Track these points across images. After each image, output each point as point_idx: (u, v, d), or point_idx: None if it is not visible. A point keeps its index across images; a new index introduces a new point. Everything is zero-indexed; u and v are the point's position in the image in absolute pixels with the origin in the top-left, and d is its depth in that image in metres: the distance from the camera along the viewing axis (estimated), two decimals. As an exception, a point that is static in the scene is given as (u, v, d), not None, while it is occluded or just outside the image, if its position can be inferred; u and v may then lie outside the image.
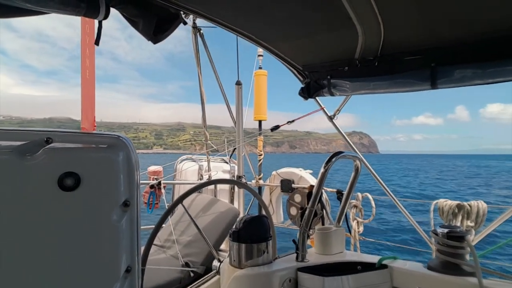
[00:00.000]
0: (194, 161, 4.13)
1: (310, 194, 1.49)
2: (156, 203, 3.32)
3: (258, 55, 3.91)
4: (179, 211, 3.11)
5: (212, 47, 3.37)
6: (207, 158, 3.99)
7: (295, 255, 1.49)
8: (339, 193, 2.98)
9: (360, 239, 3.04)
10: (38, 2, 1.04)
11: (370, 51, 1.76)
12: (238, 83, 3.39)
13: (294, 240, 1.50)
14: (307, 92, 2.16)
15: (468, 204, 2.47)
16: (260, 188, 3.93)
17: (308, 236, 1.51)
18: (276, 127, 3.45)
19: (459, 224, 2.44)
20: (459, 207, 2.48)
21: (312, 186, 3.18)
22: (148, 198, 3.24)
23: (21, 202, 0.60)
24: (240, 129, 3.46)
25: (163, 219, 1.58)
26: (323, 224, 2.67)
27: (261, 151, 4.07)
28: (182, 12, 1.47)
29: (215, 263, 1.81)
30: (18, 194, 0.60)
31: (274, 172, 3.84)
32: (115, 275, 0.68)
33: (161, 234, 2.93)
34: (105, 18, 1.24)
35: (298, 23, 1.61)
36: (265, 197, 3.94)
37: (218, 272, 1.69)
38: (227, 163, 4.15)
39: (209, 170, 3.98)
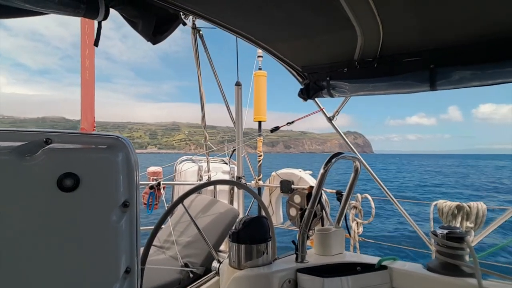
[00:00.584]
0: (193, 161, 4.13)
1: (309, 195, 1.49)
2: (156, 204, 3.32)
3: (258, 56, 3.91)
4: (178, 212, 3.11)
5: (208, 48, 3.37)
6: (207, 159, 3.99)
7: (295, 256, 1.48)
8: (339, 194, 2.98)
9: (359, 240, 3.04)
10: (38, 2, 1.04)
11: (369, 53, 1.76)
12: (238, 84, 3.39)
13: (293, 241, 1.50)
14: (307, 93, 2.17)
15: (467, 205, 2.47)
16: (259, 189, 3.93)
17: (308, 237, 1.51)
18: (276, 128, 3.46)
19: (458, 225, 2.44)
20: (459, 208, 2.48)
21: (311, 187, 3.18)
22: (148, 198, 3.24)
23: (20, 202, 0.60)
24: (240, 130, 3.46)
25: (163, 220, 1.58)
26: (323, 225, 2.67)
27: (260, 151, 4.07)
28: (181, 13, 1.47)
29: (214, 264, 1.81)
30: (18, 195, 0.60)
31: (273, 173, 3.84)
32: (115, 276, 0.68)
33: (160, 235, 2.93)
34: (104, 19, 1.24)
35: (297, 24, 1.61)
36: (264, 198, 3.94)
37: (218, 273, 1.69)
38: (226, 163, 4.15)
39: (208, 171, 3.98)
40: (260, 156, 4.02)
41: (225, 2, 1.46)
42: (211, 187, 3.89)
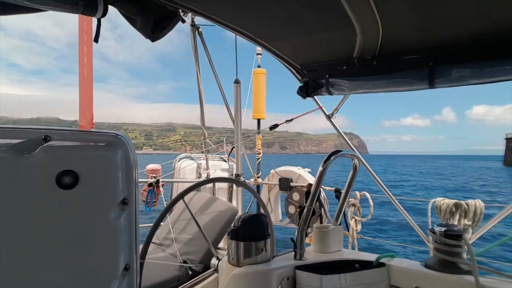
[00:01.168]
0: (192, 159, 4.13)
1: (308, 193, 1.49)
2: (155, 201, 3.32)
3: (257, 54, 3.91)
4: (176, 209, 3.11)
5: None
6: (206, 156, 3.99)
7: (293, 253, 1.49)
8: (338, 191, 2.99)
9: (358, 238, 3.05)
10: None
11: (368, 50, 1.76)
12: (237, 81, 3.38)
13: (292, 239, 1.51)
14: (306, 91, 2.17)
15: (465, 203, 2.48)
16: (258, 186, 3.94)
17: (306, 235, 1.51)
18: (275, 126, 3.46)
19: (456, 222, 2.46)
20: (457, 206, 2.49)
21: (310, 185, 3.18)
22: (147, 196, 3.25)
23: (19, 200, 0.60)
24: (239, 127, 3.46)
25: (162, 217, 1.58)
26: (321, 222, 2.67)
27: (259, 149, 4.07)
28: (180, 10, 1.47)
29: (213, 261, 1.81)
30: (16, 192, 0.60)
31: (272, 171, 3.85)
32: (114, 273, 0.68)
33: (159, 232, 2.93)
34: (103, 16, 1.23)
35: (296, 22, 1.61)
36: (263, 195, 3.95)
37: (217, 270, 1.69)
38: (225, 161, 4.15)
39: (207, 168, 3.99)
40: (259, 153, 4.02)
41: None
42: (210, 185, 3.89)
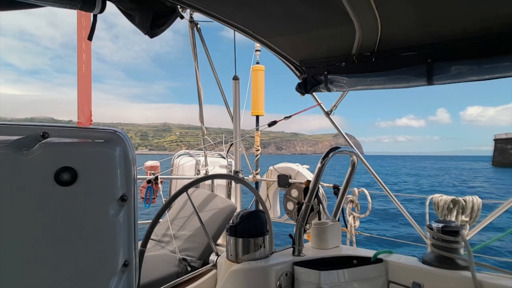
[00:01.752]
0: (191, 156, 4.13)
1: (307, 189, 1.50)
2: (153, 198, 3.32)
3: (256, 50, 3.89)
4: (175, 206, 3.12)
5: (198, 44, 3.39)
6: (204, 153, 3.99)
7: (292, 249, 1.50)
8: (336, 188, 3.00)
9: (356, 234, 3.06)
10: None
11: (367, 47, 1.76)
12: (235, 78, 3.37)
13: (290, 235, 1.51)
14: (304, 88, 2.16)
15: (463, 199, 2.49)
16: (257, 183, 3.94)
17: (305, 231, 1.52)
18: (274, 122, 3.45)
19: (454, 219, 2.47)
20: (454, 202, 2.50)
21: (309, 181, 3.19)
22: (145, 193, 3.25)
23: (17, 197, 0.60)
24: (238, 124, 3.45)
25: (161, 213, 1.58)
26: (320, 219, 2.68)
27: (258, 146, 4.07)
28: (179, 6, 1.46)
29: (212, 257, 1.82)
30: (15, 189, 0.60)
31: (271, 167, 3.85)
32: (113, 270, 0.68)
33: (158, 229, 2.94)
34: (101, 11, 1.23)
35: (295, 18, 1.60)
36: (262, 192, 3.96)
37: (215, 266, 1.70)
38: (224, 158, 4.15)
39: (206, 165, 3.99)
40: (258, 150, 4.02)
41: None
42: (209, 181, 3.89)
